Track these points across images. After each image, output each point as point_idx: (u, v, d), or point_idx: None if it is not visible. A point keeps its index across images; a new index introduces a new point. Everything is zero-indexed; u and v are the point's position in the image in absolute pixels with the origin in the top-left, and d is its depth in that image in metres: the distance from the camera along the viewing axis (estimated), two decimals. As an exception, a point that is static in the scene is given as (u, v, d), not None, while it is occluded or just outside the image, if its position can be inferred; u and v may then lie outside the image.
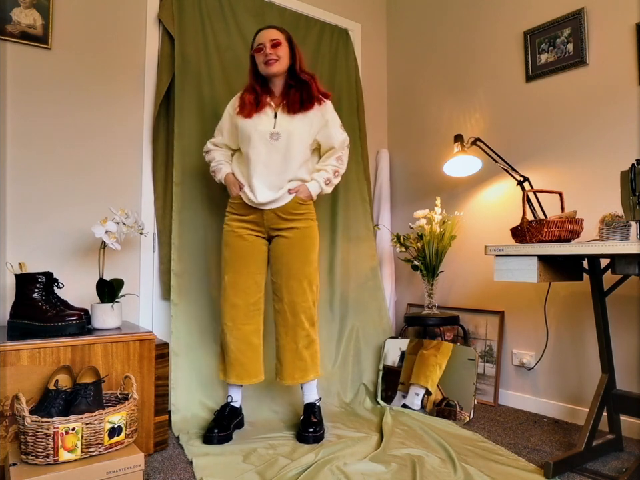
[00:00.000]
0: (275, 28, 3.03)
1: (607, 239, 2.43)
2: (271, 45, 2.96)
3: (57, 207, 3.10)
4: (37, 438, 2.12)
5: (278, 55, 2.97)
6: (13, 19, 2.97)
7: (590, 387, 3.23)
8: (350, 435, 2.97)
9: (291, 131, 2.96)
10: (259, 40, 3.00)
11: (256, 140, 2.95)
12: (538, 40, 3.52)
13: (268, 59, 2.96)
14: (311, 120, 3.03)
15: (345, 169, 3.20)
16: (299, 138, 2.98)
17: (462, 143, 3.60)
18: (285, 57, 3.01)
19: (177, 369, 3.23)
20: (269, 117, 3.00)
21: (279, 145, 2.95)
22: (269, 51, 2.96)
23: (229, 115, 3.12)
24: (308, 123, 3.02)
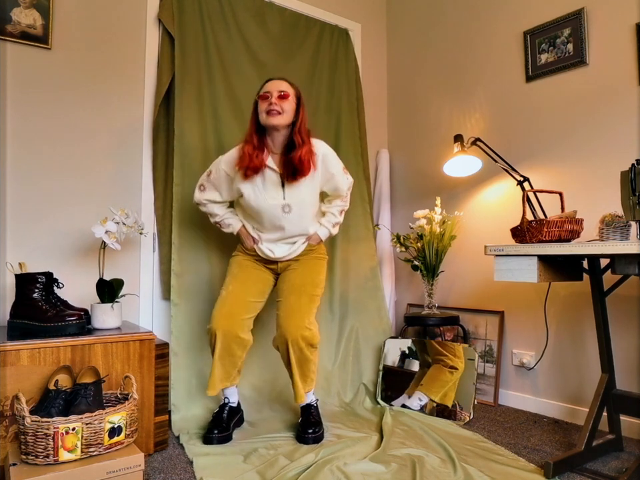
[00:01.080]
0: (287, 81, 2.93)
1: (607, 238, 2.43)
2: (278, 96, 2.84)
3: (57, 207, 3.10)
4: (37, 438, 2.12)
5: (282, 108, 2.84)
6: (13, 19, 2.97)
7: (590, 387, 3.23)
8: (350, 435, 2.97)
9: (302, 199, 2.94)
10: (267, 88, 2.88)
11: (267, 214, 2.94)
12: (538, 40, 3.52)
13: (271, 109, 2.82)
14: (317, 179, 2.99)
15: (349, 205, 3.27)
16: (309, 202, 2.98)
17: (462, 142, 3.60)
18: (290, 112, 2.88)
19: (177, 368, 3.23)
20: (275, 186, 2.93)
21: (292, 215, 2.95)
22: (274, 100, 2.83)
23: (226, 175, 3.00)
24: (316, 185, 3.00)
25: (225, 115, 3.63)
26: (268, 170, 2.91)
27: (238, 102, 3.69)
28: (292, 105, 2.89)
